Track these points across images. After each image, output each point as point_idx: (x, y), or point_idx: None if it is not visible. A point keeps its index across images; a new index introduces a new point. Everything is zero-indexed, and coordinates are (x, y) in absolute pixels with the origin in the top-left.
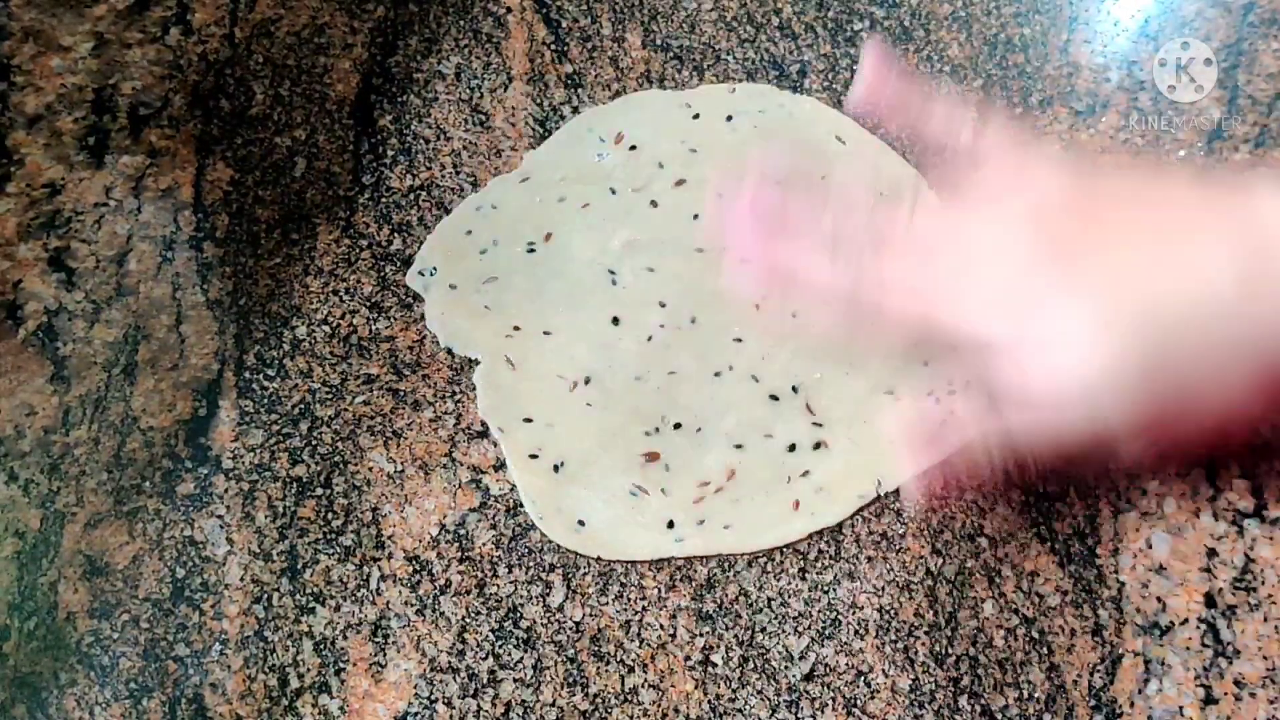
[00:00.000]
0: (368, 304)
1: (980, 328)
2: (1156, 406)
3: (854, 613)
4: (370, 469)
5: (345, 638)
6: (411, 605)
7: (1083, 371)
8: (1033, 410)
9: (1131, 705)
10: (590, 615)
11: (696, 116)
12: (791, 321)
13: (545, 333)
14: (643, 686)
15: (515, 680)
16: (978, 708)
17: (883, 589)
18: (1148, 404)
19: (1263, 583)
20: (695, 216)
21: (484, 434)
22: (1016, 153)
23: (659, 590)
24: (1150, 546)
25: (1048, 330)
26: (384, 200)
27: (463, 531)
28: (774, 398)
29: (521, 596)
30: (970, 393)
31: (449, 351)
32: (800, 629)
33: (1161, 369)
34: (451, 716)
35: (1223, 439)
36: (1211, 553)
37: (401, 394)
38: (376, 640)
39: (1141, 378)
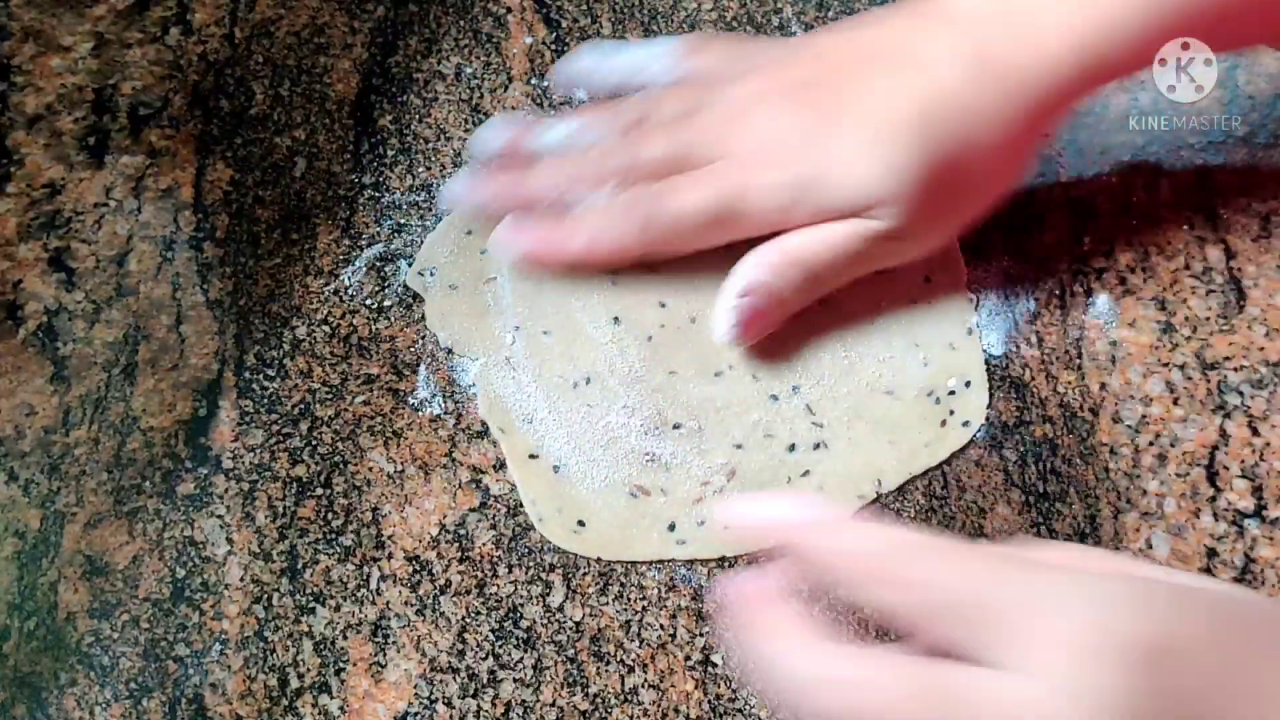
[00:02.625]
0: (368, 304)
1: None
2: (936, 197)
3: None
4: (370, 469)
5: (345, 638)
6: (411, 605)
7: (873, 181)
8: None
9: None
10: (590, 615)
11: None
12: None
13: (545, 333)
14: (643, 686)
15: (515, 680)
16: None
17: None
18: (930, 196)
19: (1263, 583)
20: None
21: (484, 434)
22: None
23: (659, 590)
24: (1150, 546)
25: (836, 159)
26: (384, 200)
27: (463, 531)
28: (774, 398)
29: (521, 596)
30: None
31: (449, 351)
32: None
33: (936, 165)
34: (451, 716)
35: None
36: (1211, 553)
37: (401, 394)
38: (376, 640)
39: (922, 176)
